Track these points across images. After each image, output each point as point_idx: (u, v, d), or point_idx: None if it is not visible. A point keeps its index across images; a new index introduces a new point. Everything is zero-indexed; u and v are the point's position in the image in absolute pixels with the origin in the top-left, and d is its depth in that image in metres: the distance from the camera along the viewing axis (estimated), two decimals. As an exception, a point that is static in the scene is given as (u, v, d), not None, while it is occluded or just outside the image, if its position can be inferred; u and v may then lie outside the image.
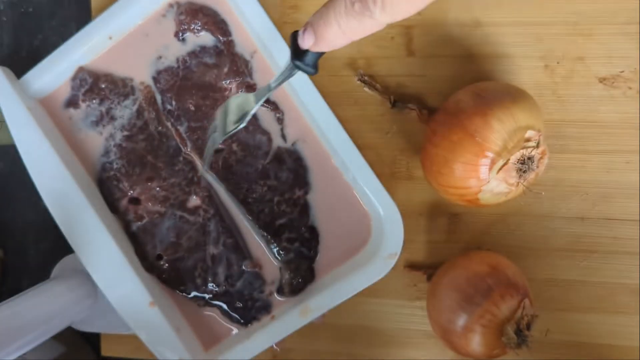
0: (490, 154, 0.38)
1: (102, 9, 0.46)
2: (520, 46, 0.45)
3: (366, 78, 0.46)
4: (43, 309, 0.44)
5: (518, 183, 0.39)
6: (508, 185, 0.39)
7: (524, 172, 0.38)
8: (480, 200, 0.40)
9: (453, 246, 0.47)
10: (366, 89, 0.47)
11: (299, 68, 0.33)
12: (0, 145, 0.54)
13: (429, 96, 0.47)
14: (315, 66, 0.33)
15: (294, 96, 0.46)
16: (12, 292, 0.44)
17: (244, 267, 0.47)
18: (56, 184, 0.44)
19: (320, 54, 0.33)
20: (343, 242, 0.47)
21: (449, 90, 0.46)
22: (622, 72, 0.44)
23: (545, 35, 0.45)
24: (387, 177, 0.47)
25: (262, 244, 0.47)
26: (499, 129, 0.38)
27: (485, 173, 0.39)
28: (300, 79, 0.45)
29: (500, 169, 0.38)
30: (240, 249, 0.47)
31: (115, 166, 0.47)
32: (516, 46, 0.45)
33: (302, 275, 0.47)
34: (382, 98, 0.47)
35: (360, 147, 0.45)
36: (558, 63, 0.45)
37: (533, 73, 0.45)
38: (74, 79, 0.47)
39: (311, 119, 0.46)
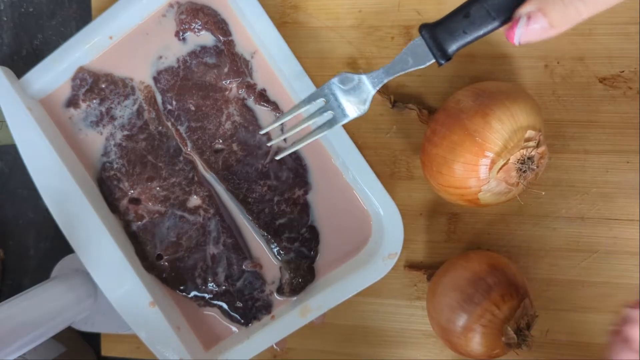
0: (490, 154, 0.38)
1: (103, 8, 0.46)
2: (520, 46, 0.45)
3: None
4: (43, 309, 0.44)
5: (518, 183, 0.39)
6: (508, 185, 0.39)
7: (524, 172, 0.38)
8: (480, 200, 0.40)
9: (453, 246, 0.47)
10: (366, 89, 0.46)
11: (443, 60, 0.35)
12: (1, 145, 0.54)
13: (429, 96, 0.47)
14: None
15: (293, 96, 0.46)
16: (12, 292, 0.44)
17: (244, 267, 0.47)
18: (56, 183, 0.44)
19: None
20: (343, 242, 0.47)
21: (449, 90, 0.46)
22: (622, 72, 0.44)
23: (545, 35, 0.45)
24: (387, 177, 0.47)
25: (262, 244, 0.47)
26: (499, 129, 0.38)
27: (485, 173, 0.39)
28: (299, 78, 0.45)
29: (500, 169, 0.38)
30: (240, 248, 0.47)
31: (115, 166, 0.47)
32: (516, 46, 0.45)
33: (302, 275, 0.47)
34: (382, 98, 0.46)
35: (360, 147, 0.45)
36: (558, 63, 0.45)
37: (533, 73, 0.45)
38: (74, 79, 0.47)
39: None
